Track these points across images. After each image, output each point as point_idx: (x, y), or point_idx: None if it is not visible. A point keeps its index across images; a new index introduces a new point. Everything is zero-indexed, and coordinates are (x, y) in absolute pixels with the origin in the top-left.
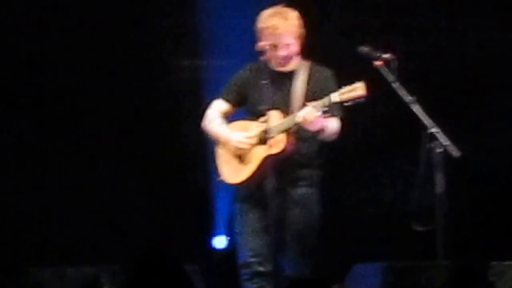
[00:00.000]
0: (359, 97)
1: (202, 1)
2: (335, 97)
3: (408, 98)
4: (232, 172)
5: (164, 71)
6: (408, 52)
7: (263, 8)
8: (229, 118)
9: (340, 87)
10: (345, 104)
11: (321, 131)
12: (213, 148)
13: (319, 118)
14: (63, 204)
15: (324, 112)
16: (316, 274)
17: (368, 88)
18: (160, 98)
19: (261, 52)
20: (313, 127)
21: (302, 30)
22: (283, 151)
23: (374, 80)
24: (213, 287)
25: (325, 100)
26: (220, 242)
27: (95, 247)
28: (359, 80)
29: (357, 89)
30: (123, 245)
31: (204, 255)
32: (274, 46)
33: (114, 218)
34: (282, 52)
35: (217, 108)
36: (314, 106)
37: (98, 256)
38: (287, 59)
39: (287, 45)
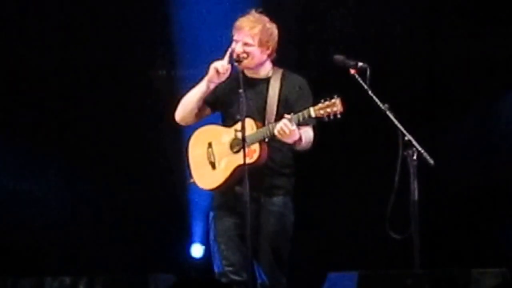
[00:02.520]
0: (335, 113)
1: (177, 14)
2: (312, 112)
3: (383, 105)
4: (204, 177)
5: (142, 80)
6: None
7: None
8: (202, 121)
9: (317, 102)
10: (322, 120)
11: (297, 142)
12: (185, 149)
13: (295, 131)
14: (40, 213)
15: (299, 124)
16: (291, 282)
17: (344, 103)
18: (138, 106)
19: (236, 61)
20: (289, 140)
21: (270, 38)
22: (256, 161)
23: (348, 88)
24: None
25: (300, 115)
26: (197, 251)
27: (73, 257)
28: (335, 93)
29: (334, 105)
30: (100, 254)
31: (181, 264)
32: (236, 42)
33: (91, 227)
34: (238, 48)
35: None
36: (290, 120)
37: (75, 266)
38: (253, 63)
39: (245, 44)
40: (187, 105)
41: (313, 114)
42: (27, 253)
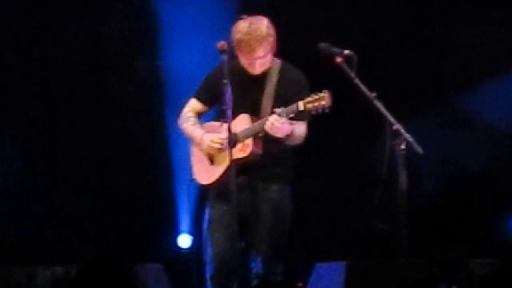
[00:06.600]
0: (323, 107)
1: (160, 6)
2: (301, 105)
3: (370, 94)
4: (203, 173)
5: (126, 71)
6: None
7: (221, 11)
8: (203, 116)
9: (307, 95)
10: (311, 112)
11: (288, 137)
12: (189, 147)
13: (285, 125)
14: (30, 204)
15: (291, 118)
16: (283, 273)
17: (333, 97)
18: (122, 98)
19: (221, 51)
20: (280, 134)
21: (274, 39)
22: (249, 155)
23: (333, 76)
24: (179, 285)
25: (290, 108)
26: (184, 241)
27: (64, 247)
28: (324, 88)
29: (322, 99)
30: (88, 244)
31: (168, 254)
32: (250, 62)
33: (79, 218)
34: (257, 66)
35: (192, 107)
36: (280, 114)
37: (66, 256)
38: (262, 66)
39: (260, 57)
40: (185, 133)
41: (301, 108)
42: (18, 243)
